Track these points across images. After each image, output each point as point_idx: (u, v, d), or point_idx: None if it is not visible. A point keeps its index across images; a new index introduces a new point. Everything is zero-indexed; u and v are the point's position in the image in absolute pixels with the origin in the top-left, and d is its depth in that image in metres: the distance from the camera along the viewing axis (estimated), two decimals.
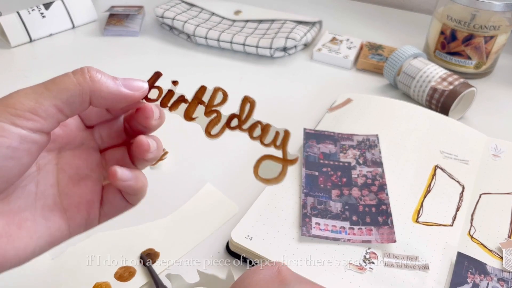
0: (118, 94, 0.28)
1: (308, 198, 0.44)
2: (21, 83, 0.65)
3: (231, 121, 0.34)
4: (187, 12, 0.77)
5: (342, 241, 0.40)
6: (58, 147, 0.30)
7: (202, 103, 0.35)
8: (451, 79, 0.58)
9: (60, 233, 0.29)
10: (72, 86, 0.27)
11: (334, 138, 0.51)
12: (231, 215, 0.45)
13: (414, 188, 0.46)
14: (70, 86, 0.27)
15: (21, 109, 0.26)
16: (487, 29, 0.63)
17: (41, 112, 0.26)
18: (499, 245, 0.41)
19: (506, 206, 0.45)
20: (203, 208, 0.46)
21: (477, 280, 0.38)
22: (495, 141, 0.54)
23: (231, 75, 0.68)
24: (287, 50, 0.72)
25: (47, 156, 0.29)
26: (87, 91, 0.27)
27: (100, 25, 0.79)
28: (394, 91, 0.65)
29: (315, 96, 0.64)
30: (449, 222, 0.43)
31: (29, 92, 0.26)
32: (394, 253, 0.40)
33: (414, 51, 0.62)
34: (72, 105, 0.27)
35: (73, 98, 0.27)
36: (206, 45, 0.74)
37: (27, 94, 0.26)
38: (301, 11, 0.82)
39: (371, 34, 0.79)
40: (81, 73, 0.27)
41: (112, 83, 0.28)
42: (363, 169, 0.47)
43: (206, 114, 0.35)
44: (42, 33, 0.74)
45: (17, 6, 0.76)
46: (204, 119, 0.33)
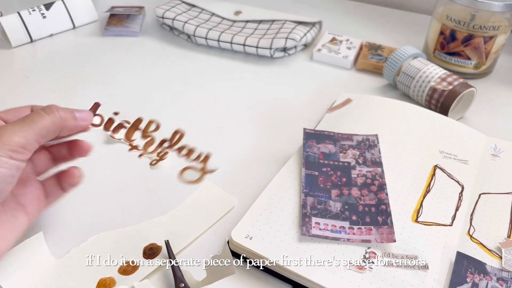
0: (76, 126, 0.38)
1: (308, 198, 0.44)
2: (22, 83, 0.66)
3: (163, 143, 0.49)
4: (188, 13, 0.77)
5: (341, 240, 0.40)
6: None
7: (138, 130, 0.50)
8: (450, 79, 0.58)
9: (24, 225, 0.38)
10: (48, 124, 0.35)
11: (334, 138, 0.51)
12: (229, 207, 0.46)
13: (414, 188, 0.46)
14: (46, 124, 0.35)
15: (15, 145, 0.33)
16: (486, 29, 0.63)
17: (28, 146, 0.34)
18: (498, 245, 0.42)
19: (506, 206, 0.46)
20: (202, 203, 0.46)
21: (476, 280, 0.38)
22: (495, 141, 0.54)
23: (231, 75, 0.68)
24: (287, 50, 0.72)
25: None
26: (58, 127, 0.36)
27: (100, 25, 0.80)
28: (394, 91, 0.66)
29: (315, 96, 0.64)
30: (449, 222, 0.43)
31: (17, 130, 0.34)
32: (394, 253, 0.40)
33: (414, 51, 0.63)
34: (47, 138, 0.36)
35: (49, 134, 0.36)
36: (206, 46, 0.74)
37: (16, 132, 0.34)
38: (301, 12, 0.82)
39: (370, 34, 0.79)
40: (52, 113, 0.36)
41: (73, 119, 0.38)
42: (363, 169, 0.47)
43: (142, 138, 0.50)
44: (42, 34, 0.74)
45: (17, 6, 0.77)
46: (142, 142, 0.50)
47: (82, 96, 0.62)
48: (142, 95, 0.63)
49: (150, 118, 0.50)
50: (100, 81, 0.65)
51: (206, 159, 0.48)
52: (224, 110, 0.60)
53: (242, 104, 0.62)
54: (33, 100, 0.60)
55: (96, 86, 0.64)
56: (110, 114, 0.44)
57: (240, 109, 0.61)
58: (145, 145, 0.50)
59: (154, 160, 0.50)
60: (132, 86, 0.65)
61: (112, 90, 0.64)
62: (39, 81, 0.65)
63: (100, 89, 0.64)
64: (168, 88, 0.64)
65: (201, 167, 0.47)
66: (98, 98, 0.62)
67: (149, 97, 0.62)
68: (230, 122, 0.58)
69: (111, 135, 0.49)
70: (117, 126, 0.46)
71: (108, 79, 0.66)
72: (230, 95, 0.63)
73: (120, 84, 0.65)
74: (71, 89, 0.63)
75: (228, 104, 0.62)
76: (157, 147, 0.50)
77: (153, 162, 0.50)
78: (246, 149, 0.54)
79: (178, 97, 0.63)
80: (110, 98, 0.62)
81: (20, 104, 0.61)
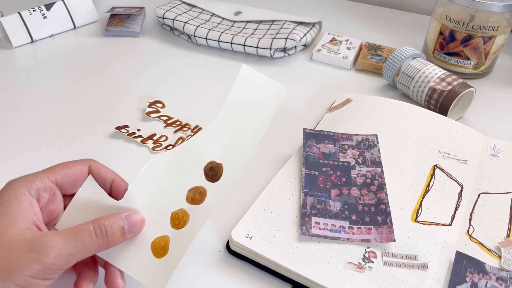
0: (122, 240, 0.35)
1: (307, 198, 0.44)
2: (23, 84, 0.66)
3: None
4: (188, 13, 0.77)
5: (341, 240, 0.41)
6: None
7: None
8: (450, 80, 0.58)
9: None
10: (95, 249, 0.33)
11: (333, 138, 0.51)
12: (283, 96, 0.40)
13: (413, 188, 0.47)
14: (93, 249, 0.33)
15: (55, 268, 0.31)
16: (485, 29, 0.63)
17: (66, 267, 0.32)
18: (497, 244, 0.42)
19: (505, 206, 0.46)
20: (251, 96, 0.39)
21: (475, 279, 0.38)
22: (494, 141, 0.54)
23: (232, 75, 0.67)
24: (287, 50, 0.72)
25: None
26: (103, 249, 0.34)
27: (101, 25, 0.80)
28: (393, 91, 0.66)
29: (314, 96, 0.64)
30: (448, 222, 0.44)
31: (64, 253, 0.31)
32: (393, 252, 0.40)
33: (413, 51, 0.63)
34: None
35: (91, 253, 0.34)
36: (206, 46, 0.74)
37: (63, 256, 0.31)
38: (301, 12, 0.82)
39: (370, 34, 0.80)
40: (102, 237, 0.34)
41: (121, 237, 0.35)
42: (362, 169, 0.48)
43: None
44: (43, 34, 0.74)
45: (18, 6, 0.77)
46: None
47: (83, 96, 0.62)
48: (142, 95, 0.63)
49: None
50: (100, 81, 0.66)
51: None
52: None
53: None
54: (34, 101, 0.61)
55: (96, 86, 0.64)
56: (110, 114, 0.42)
57: None
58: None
59: None
60: (132, 86, 0.65)
61: (113, 90, 0.64)
62: (39, 81, 0.65)
63: (100, 89, 0.64)
64: (168, 88, 0.64)
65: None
66: (98, 98, 0.63)
67: (149, 97, 0.62)
68: None
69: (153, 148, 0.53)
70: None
71: (108, 79, 0.66)
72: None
73: (120, 85, 0.65)
74: (72, 90, 0.64)
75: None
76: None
77: None
78: None
79: (178, 97, 0.63)
80: (110, 98, 0.62)
81: (20, 105, 0.61)
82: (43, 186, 0.34)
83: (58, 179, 0.35)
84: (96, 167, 0.37)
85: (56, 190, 0.35)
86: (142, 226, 0.36)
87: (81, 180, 0.36)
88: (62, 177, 0.35)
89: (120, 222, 0.34)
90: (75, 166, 0.36)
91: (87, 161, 0.37)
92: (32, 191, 0.33)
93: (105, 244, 0.33)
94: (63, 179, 0.36)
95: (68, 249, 0.31)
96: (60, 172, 0.35)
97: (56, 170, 0.35)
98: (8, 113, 0.58)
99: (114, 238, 0.34)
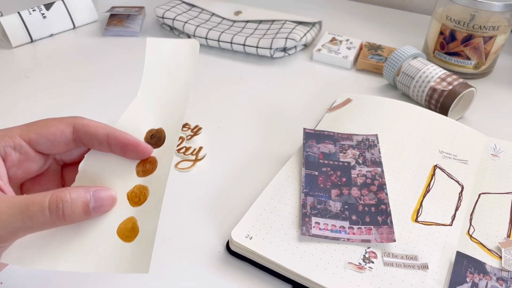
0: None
1: (308, 198, 0.44)
2: (22, 84, 0.66)
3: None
4: (188, 13, 0.77)
5: (341, 240, 0.41)
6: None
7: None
8: (450, 79, 0.58)
9: None
10: (47, 225, 0.30)
11: (333, 138, 0.51)
12: (197, 49, 0.38)
13: (413, 188, 0.46)
14: (44, 225, 0.30)
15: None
16: (486, 29, 0.63)
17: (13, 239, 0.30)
18: (498, 245, 0.42)
19: (505, 206, 0.46)
20: (166, 64, 0.39)
21: (476, 279, 0.38)
22: (494, 141, 0.54)
23: (231, 75, 0.68)
24: (287, 50, 0.72)
25: None
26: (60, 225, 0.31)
27: (100, 25, 0.80)
28: (394, 91, 0.66)
29: (315, 96, 0.64)
30: (448, 222, 0.43)
31: (4, 223, 0.28)
32: (394, 253, 0.40)
33: (414, 51, 0.63)
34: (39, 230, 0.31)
35: (43, 228, 0.31)
36: (206, 46, 0.74)
37: (5, 228, 0.29)
38: (301, 12, 0.82)
39: (370, 34, 0.79)
40: (57, 214, 0.30)
41: (84, 214, 0.31)
42: (363, 169, 0.48)
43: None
44: (43, 34, 0.74)
45: (18, 6, 0.77)
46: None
47: (83, 96, 0.62)
48: None
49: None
50: (100, 81, 0.65)
51: (199, 151, 0.52)
52: (224, 110, 0.60)
53: (242, 104, 0.62)
54: (34, 101, 0.61)
55: (96, 86, 0.64)
56: (110, 114, 0.41)
57: (240, 109, 0.61)
58: None
59: None
60: (132, 86, 0.65)
61: (112, 90, 0.64)
62: (39, 81, 0.65)
63: (100, 89, 0.64)
64: None
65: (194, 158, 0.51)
66: (98, 98, 0.63)
67: None
68: (230, 122, 0.58)
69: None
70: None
71: (108, 79, 0.66)
72: (230, 95, 0.63)
73: (120, 84, 0.65)
74: (71, 89, 0.63)
75: (228, 104, 0.62)
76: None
77: None
78: (246, 149, 0.54)
79: None
80: (110, 99, 0.62)
81: (20, 105, 0.60)
82: (12, 144, 0.31)
83: (32, 138, 0.32)
84: (84, 125, 0.33)
85: (29, 149, 0.32)
86: (111, 205, 0.32)
87: (60, 142, 0.33)
88: (37, 136, 0.32)
89: (84, 197, 0.30)
90: (55, 125, 0.32)
91: (71, 120, 0.33)
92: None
93: (61, 222, 0.29)
94: (37, 138, 0.32)
95: (13, 222, 0.28)
96: (35, 131, 0.32)
97: (31, 128, 0.32)
98: (7, 113, 0.58)
99: (73, 216, 0.30)
